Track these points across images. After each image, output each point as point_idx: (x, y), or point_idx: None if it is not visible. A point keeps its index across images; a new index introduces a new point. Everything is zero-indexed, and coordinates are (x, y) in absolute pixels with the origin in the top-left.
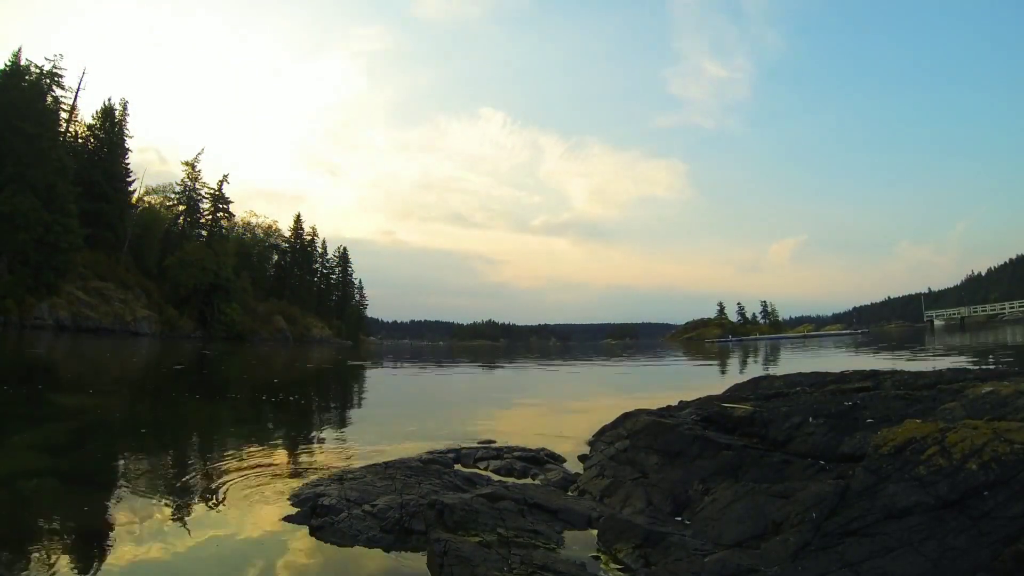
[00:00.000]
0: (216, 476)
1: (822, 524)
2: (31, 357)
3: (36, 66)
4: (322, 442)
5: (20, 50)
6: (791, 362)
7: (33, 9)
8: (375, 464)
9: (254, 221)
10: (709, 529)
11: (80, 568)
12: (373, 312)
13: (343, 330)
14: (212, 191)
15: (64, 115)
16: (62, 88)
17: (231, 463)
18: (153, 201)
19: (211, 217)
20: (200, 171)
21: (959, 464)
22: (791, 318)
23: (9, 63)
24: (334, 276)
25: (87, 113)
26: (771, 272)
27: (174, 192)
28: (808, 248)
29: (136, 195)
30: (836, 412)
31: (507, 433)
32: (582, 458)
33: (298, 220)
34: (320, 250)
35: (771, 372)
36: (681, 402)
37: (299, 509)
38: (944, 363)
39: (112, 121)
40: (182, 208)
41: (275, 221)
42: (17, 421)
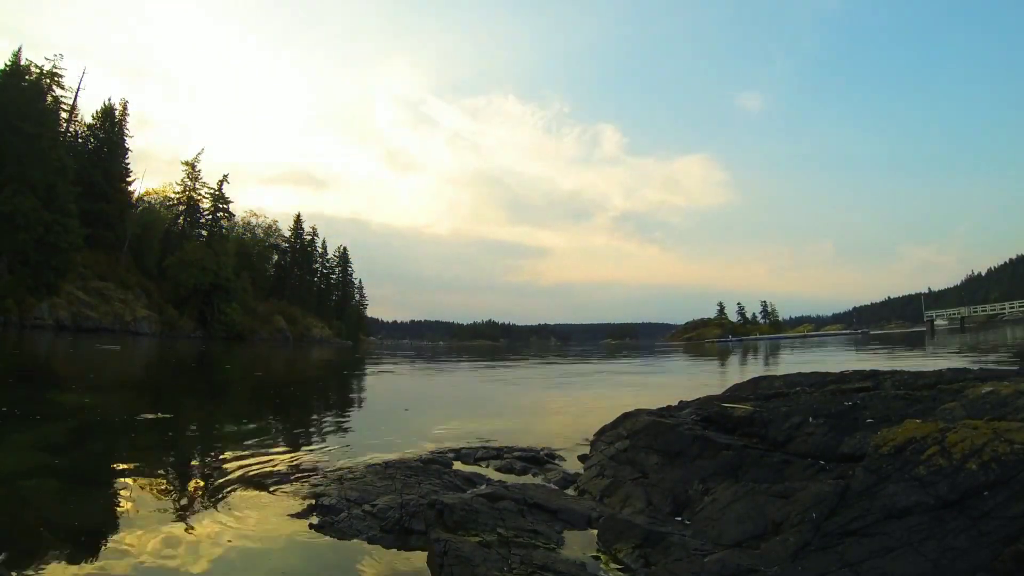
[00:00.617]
0: (216, 476)
1: (822, 524)
2: (30, 357)
3: (36, 66)
4: (322, 442)
5: (20, 50)
6: (791, 362)
7: (33, 9)
8: (375, 464)
9: (254, 221)
10: (709, 529)
11: (80, 568)
12: (373, 312)
13: (343, 330)
14: (212, 191)
15: (64, 115)
16: (62, 88)
17: (231, 463)
18: (156, 191)
19: (211, 217)
20: (200, 171)
21: (959, 464)
22: (791, 318)
23: (9, 63)
24: (334, 276)
25: (87, 113)
26: (771, 273)
27: (174, 192)
28: (812, 249)
29: (136, 195)
30: (836, 412)
31: (507, 432)
32: (582, 458)
33: (298, 220)
34: (320, 250)
35: (771, 372)
36: (681, 402)
37: (299, 509)
38: (944, 363)
39: (112, 121)
40: (182, 208)
41: (275, 221)
42: (17, 420)
